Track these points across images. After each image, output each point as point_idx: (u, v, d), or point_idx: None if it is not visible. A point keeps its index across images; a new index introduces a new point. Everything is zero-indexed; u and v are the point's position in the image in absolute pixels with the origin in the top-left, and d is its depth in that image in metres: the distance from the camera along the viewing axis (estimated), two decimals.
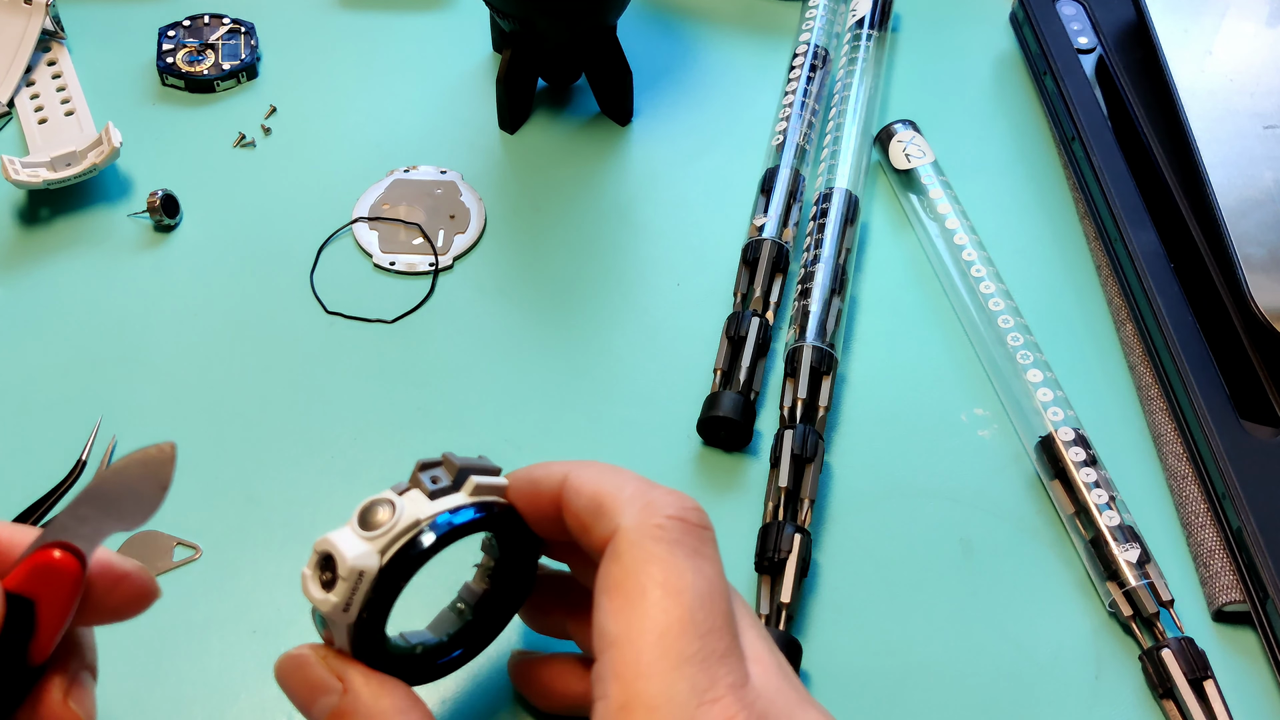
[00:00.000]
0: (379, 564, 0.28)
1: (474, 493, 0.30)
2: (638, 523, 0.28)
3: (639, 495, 0.28)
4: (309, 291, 0.48)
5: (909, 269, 0.50)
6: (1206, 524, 0.41)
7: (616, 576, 0.27)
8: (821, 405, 0.43)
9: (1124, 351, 0.47)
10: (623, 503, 0.28)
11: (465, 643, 0.32)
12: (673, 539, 0.27)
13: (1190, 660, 0.37)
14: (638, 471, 0.31)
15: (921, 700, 0.38)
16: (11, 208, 0.50)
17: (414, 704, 0.29)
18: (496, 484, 0.31)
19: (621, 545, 0.28)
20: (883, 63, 0.56)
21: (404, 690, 0.29)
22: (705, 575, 0.27)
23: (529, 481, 0.31)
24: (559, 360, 0.46)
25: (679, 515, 0.28)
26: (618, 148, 0.54)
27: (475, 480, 0.30)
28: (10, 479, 0.42)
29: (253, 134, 0.54)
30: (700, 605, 0.26)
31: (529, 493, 0.31)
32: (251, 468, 0.43)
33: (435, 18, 0.60)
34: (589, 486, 0.29)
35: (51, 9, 0.56)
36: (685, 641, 0.26)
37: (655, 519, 0.28)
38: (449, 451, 0.30)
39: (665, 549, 0.27)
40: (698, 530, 0.28)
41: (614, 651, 0.26)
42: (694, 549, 0.27)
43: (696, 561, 0.27)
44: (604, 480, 0.29)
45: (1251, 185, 0.46)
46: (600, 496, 0.29)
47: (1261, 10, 0.53)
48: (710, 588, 0.27)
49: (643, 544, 0.27)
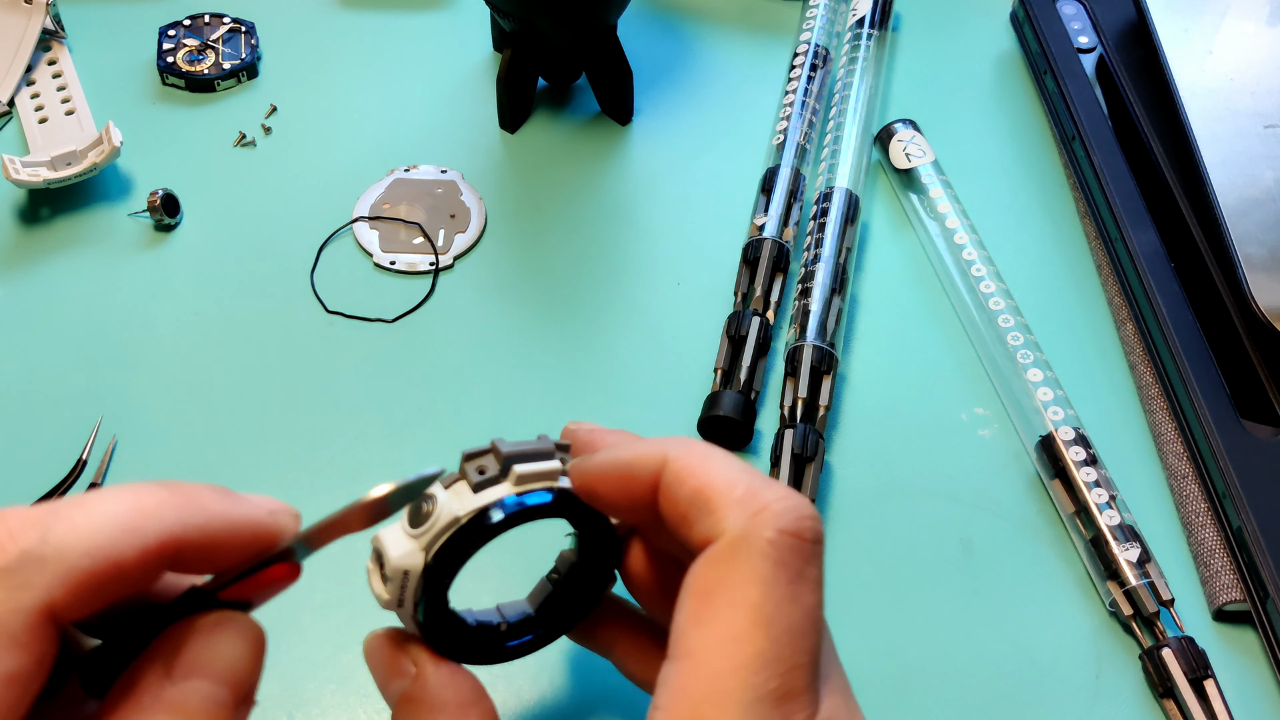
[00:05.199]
0: (424, 561, 0.27)
1: (518, 482, 0.28)
2: (746, 531, 0.25)
3: (751, 497, 0.25)
4: (309, 291, 0.48)
5: (909, 268, 0.50)
6: (1207, 523, 0.41)
7: (711, 584, 0.25)
8: (822, 405, 0.43)
9: (1124, 351, 0.47)
10: (733, 504, 0.25)
11: (541, 626, 0.32)
12: (780, 559, 0.25)
13: (1190, 659, 0.37)
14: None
15: (921, 700, 0.38)
16: (12, 207, 0.50)
17: (478, 698, 0.28)
18: (545, 469, 0.29)
19: (723, 553, 0.25)
20: (883, 62, 0.56)
21: (470, 683, 0.29)
22: (803, 606, 0.25)
23: (620, 464, 0.28)
24: (559, 360, 0.46)
25: (794, 530, 0.25)
26: (618, 147, 0.54)
27: (519, 470, 0.28)
28: (10, 479, 0.42)
29: (253, 133, 0.54)
30: (790, 639, 0.24)
31: (619, 475, 0.28)
32: (251, 468, 0.43)
33: (435, 18, 0.60)
34: (694, 478, 0.26)
35: (52, 8, 0.56)
36: (765, 677, 0.24)
37: (767, 531, 0.25)
38: (498, 438, 0.29)
39: (770, 569, 0.25)
40: (809, 549, 0.25)
41: (687, 664, 0.24)
42: (799, 572, 0.25)
43: (798, 588, 0.25)
44: (712, 472, 0.26)
45: (1252, 184, 0.46)
46: (707, 491, 0.26)
47: (1262, 10, 0.53)
48: (806, 620, 0.25)
49: (748, 558, 0.25)
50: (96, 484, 0.42)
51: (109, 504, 0.23)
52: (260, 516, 0.25)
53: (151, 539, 0.22)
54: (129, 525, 0.22)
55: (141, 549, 0.22)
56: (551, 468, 0.29)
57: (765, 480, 0.26)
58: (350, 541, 0.41)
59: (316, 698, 0.37)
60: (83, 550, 0.22)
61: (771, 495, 0.25)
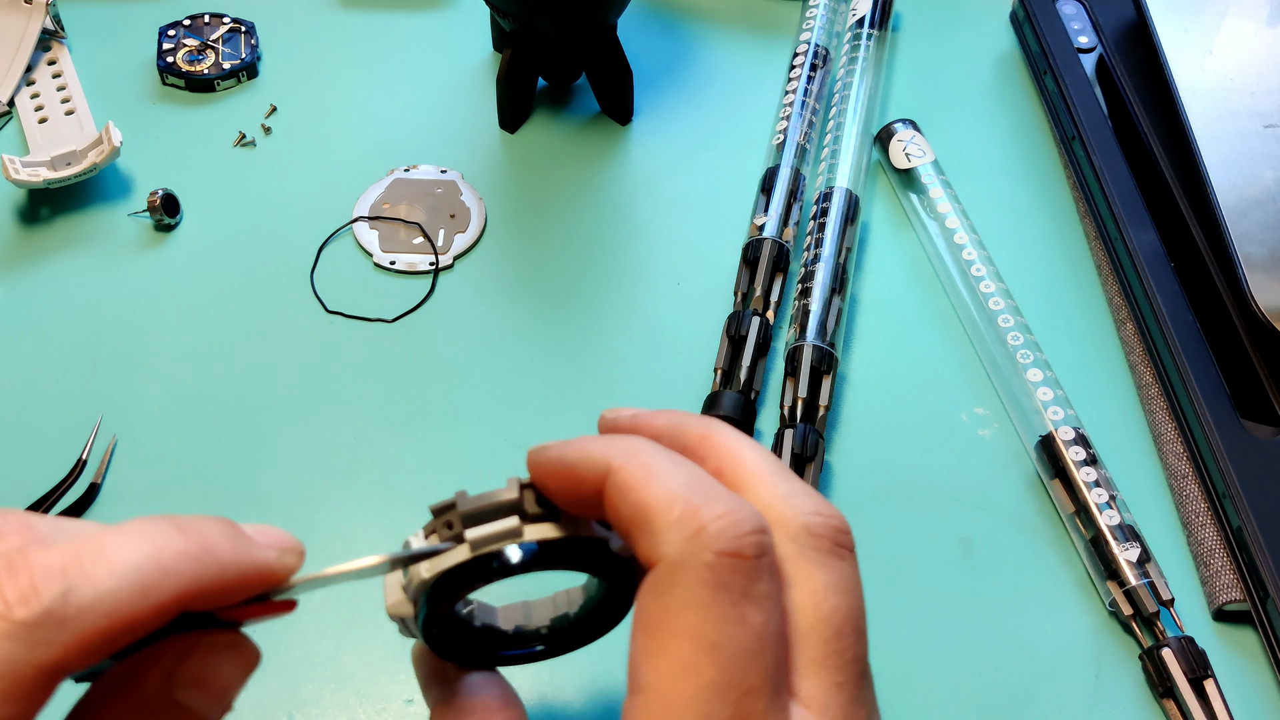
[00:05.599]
0: (412, 612, 0.28)
1: (473, 545, 0.27)
2: (682, 556, 0.24)
3: (688, 518, 0.24)
4: (309, 291, 0.48)
5: (909, 268, 0.50)
6: (1207, 523, 0.41)
7: (653, 615, 0.24)
8: (822, 404, 0.43)
9: (1124, 351, 0.47)
10: (669, 525, 0.24)
11: (544, 643, 0.31)
12: (719, 582, 0.23)
13: (1190, 659, 0.37)
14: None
15: (921, 700, 0.38)
16: (11, 207, 0.50)
17: (509, 703, 0.29)
18: (499, 530, 0.27)
19: (662, 580, 0.24)
20: (883, 62, 0.56)
21: (502, 689, 0.29)
22: (751, 627, 0.23)
23: (565, 464, 0.26)
24: (559, 359, 0.46)
25: (733, 550, 0.24)
26: (618, 147, 0.54)
27: (470, 534, 0.27)
28: (10, 479, 0.42)
29: (253, 133, 0.54)
30: (741, 663, 0.23)
31: (565, 474, 0.26)
32: (251, 468, 0.43)
33: (435, 18, 0.60)
34: (634, 493, 0.25)
35: (52, 8, 0.56)
36: (718, 705, 0.23)
37: (704, 555, 0.23)
38: (462, 490, 0.27)
39: (709, 594, 0.23)
40: (751, 566, 0.24)
41: (643, 699, 0.24)
42: (743, 592, 0.24)
43: (743, 610, 0.24)
44: (651, 488, 0.25)
45: (1252, 184, 0.46)
46: (646, 510, 0.25)
47: (1261, 10, 0.53)
48: (756, 641, 0.24)
49: (685, 585, 0.23)
50: (96, 484, 0.42)
51: (128, 556, 0.22)
52: (269, 560, 0.25)
53: (167, 596, 0.22)
54: (147, 585, 0.22)
55: (157, 606, 0.22)
56: (506, 528, 0.27)
57: (708, 492, 0.25)
58: (352, 544, 0.41)
59: (316, 698, 0.37)
60: (103, 612, 0.22)
61: (710, 513, 0.24)
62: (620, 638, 0.38)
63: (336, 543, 0.41)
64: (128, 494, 0.42)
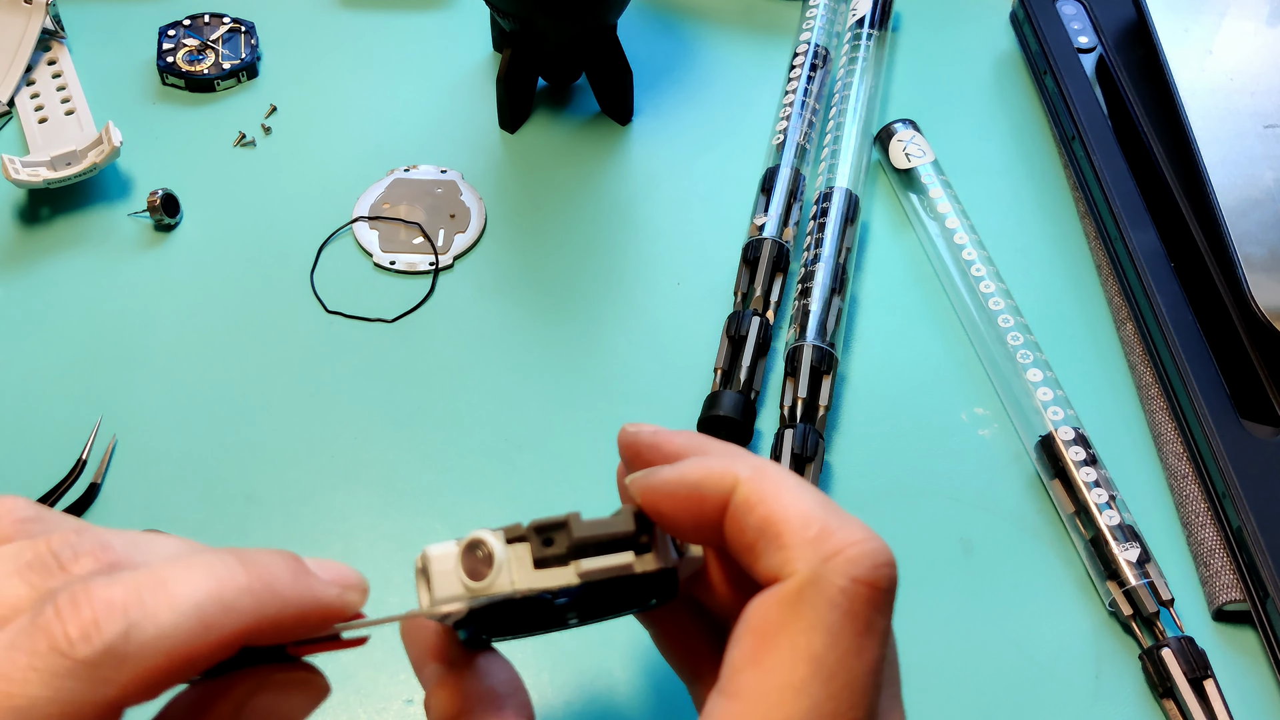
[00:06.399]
0: (465, 609, 0.26)
1: (582, 576, 0.26)
2: (817, 576, 0.24)
3: (825, 538, 0.24)
4: (309, 291, 0.48)
5: (909, 268, 0.50)
6: (1206, 523, 0.41)
7: (772, 625, 0.24)
8: (822, 404, 0.43)
9: (1124, 351, 0.47)
10: (805, 543, 0.24)
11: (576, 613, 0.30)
12: (850, 609, 0.23)
13: (1190, 659, 0.37)
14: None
15: (921, 700, 0.38)
16: (11, 207, 0.50)
17: (515, 689, 0.28)
18: (614, 565, 0.26)
19: (790, 595, 0.24)
20: (883, 62, 0.56)
21: (508, 674, 0.28)
22: (867, 660, 0.23)
23: (689, 484, 0.26)
24: (559, 360, 0.46)
25: (869, 580, 0.24)
26: (618, 147, 0.54)
27: (584, 565, 0.26)
28: (10, 479, 0.42)
29: (253, 133, 0.54)
30: (850, 695, 0.23)
31: (687, 496, 0.26)
32: (251, 468, 0.43)
33: (435, 18, 0.60)
34: (764, 506, 0.25)
35: (51, 8, 0.56)
36: None
37: (839, 579, 0.23)
38: (575, 513, 0.26)
39: (838, 619, 0.23)
40: (881, 598, 0.24)
41: (737, 705, 0.23)
42: (868, 623, 0.24)
43: (864, 641, 0.23)
44: (785, 502, 0.25)
45: (1252, 184, 0.46)
46: (778, 524, 0.24)
47: (1261, 10, 0.53)
48: (868, 676, 0.24)
49: (815, 605, 0.23)
50: (96, 484, 0.42)
51: (191, 592, 0.22)
52: (330, 598, 0.25)
53: (229, 633, 0.22)
54: (209, 622, 0.22)
55: (218, 643, 0.22)
56: (622, 562, 0.26)
57: (841, 517, 0.25)
58: (352, 544, 0.41)
59: None
60: (164, 650, 0.21)
61: (847, 538, 0.24)
62: (620, 638, 0.38)
63: (337, 543, 0.41)
64: (128, 494, 0.42)
